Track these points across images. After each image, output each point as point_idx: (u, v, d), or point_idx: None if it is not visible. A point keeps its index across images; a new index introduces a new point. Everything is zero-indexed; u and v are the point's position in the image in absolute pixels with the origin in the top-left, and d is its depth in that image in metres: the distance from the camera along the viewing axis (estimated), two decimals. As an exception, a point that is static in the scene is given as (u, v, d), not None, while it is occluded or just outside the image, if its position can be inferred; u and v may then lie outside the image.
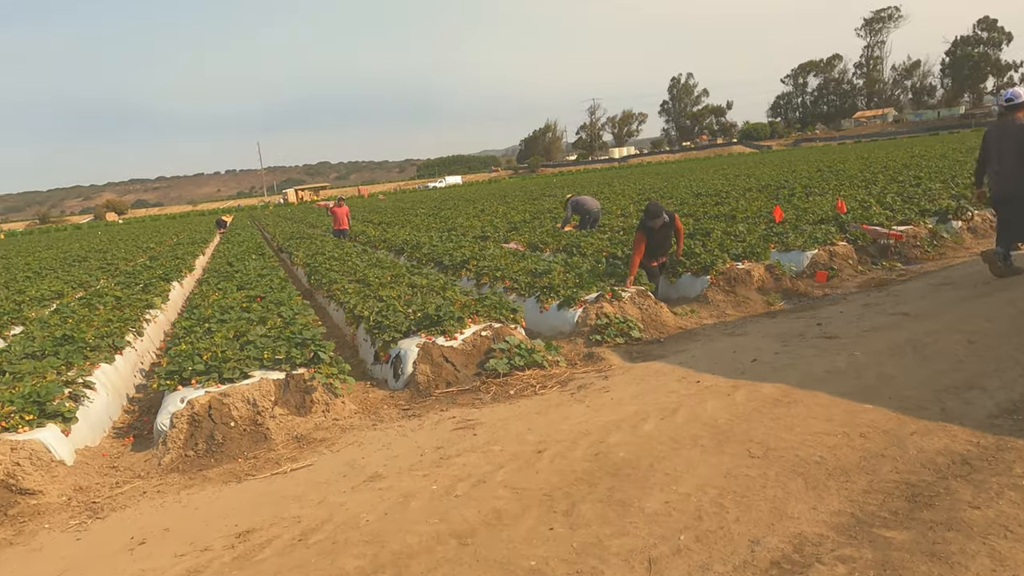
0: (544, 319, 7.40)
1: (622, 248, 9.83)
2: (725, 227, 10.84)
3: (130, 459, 4.97)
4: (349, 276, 10.13)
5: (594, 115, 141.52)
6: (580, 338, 6.70)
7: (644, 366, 5.52)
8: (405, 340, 6.22)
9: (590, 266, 8.49)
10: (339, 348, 8.03)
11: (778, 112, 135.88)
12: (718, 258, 8.11)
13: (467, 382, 5.73)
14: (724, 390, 4.50)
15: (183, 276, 14.72)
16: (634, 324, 6.67)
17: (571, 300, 7.10)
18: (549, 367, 5.88)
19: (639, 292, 7.23)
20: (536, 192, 37.08)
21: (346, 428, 5.00)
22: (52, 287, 13.18)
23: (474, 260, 10.19)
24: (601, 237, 11.31)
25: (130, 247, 25.41)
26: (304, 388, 5.29)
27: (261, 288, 9.27)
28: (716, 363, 5.26)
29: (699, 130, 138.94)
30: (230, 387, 5.16)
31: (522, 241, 12.79)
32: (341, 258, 12.25)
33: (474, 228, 16.53)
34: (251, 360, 5.53)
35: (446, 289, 7.93)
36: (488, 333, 6.20)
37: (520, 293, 8.03)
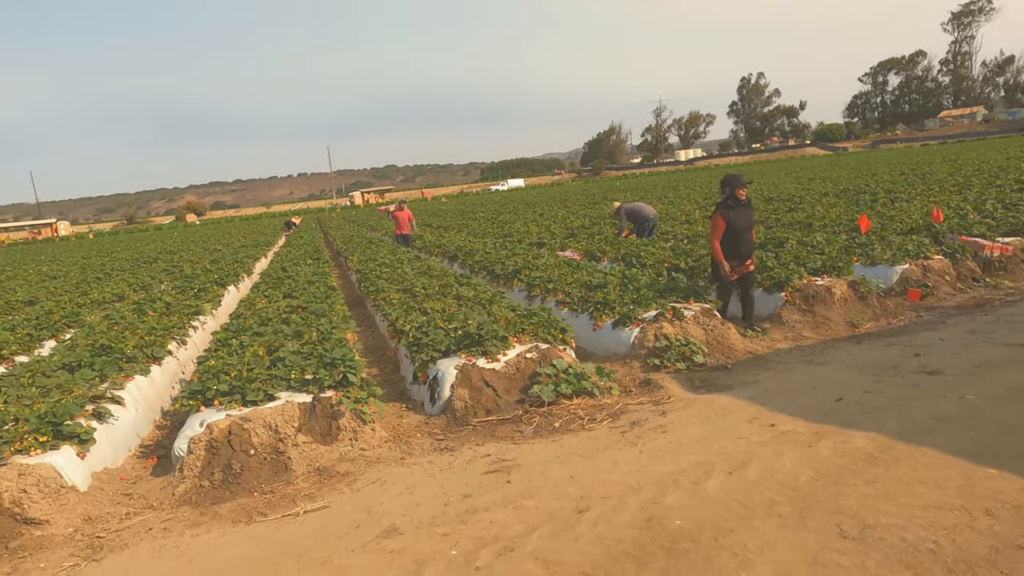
0: (597, 338, 6.80)
1: (685, 259, 9.10)
2: (800, 236, 9.95)
3: (147, 485, 4.66)
4: (397, 285, 9.77)
5: (660, 117, 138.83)
6: (636, 361, 6.07)
7: (708, 400, 4.85)
8: (444, 360, 5.75)
9: (649, 279, 7.82)
10: (381, 363, 7.66)
11: (855, 112, 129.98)
12: (794, 272, 7.31)
13: (508, 410, 5.20)
14: (805, 438, 3.81)
15: (240, 280, 14.77)
16: (697, 348, 5.99)
17: (627, 318, 6.47)
18: (600, 395, 5.28)
19: (704, 311, 6.53)
20: (598, 196, 36.26)
21: (372, 461, 4.54)
22: (115, 289, 13.39)
23: (526, 270, 9.65)
24: (663, 246, 10.60)
25: (198, 249, 26.05)
26: (331, 414, 4.87)
27: (307, 296, 9.01)
28: (793, 400, 4.54)
29: (769, 131, 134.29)
30: (252, 411, 4.79)
31: (579, 249, 12.18)
32: (392, 265, 11.94)
33: (531, 234, 16.00)
34: (278, 380, 5.16)
35: (492, 303, 7.42)
36: (534, 355, 5.65)
37: (573, 308, 7.45)
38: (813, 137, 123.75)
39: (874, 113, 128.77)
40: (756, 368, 5.63)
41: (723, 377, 5.51)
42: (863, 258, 8.29)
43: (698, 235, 11.81)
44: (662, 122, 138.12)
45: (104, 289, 13.53)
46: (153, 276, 15.77)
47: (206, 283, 12.51)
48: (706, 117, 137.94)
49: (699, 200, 22.22)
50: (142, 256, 24.98)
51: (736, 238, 6.59)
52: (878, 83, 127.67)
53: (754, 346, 6.25)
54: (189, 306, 9.83)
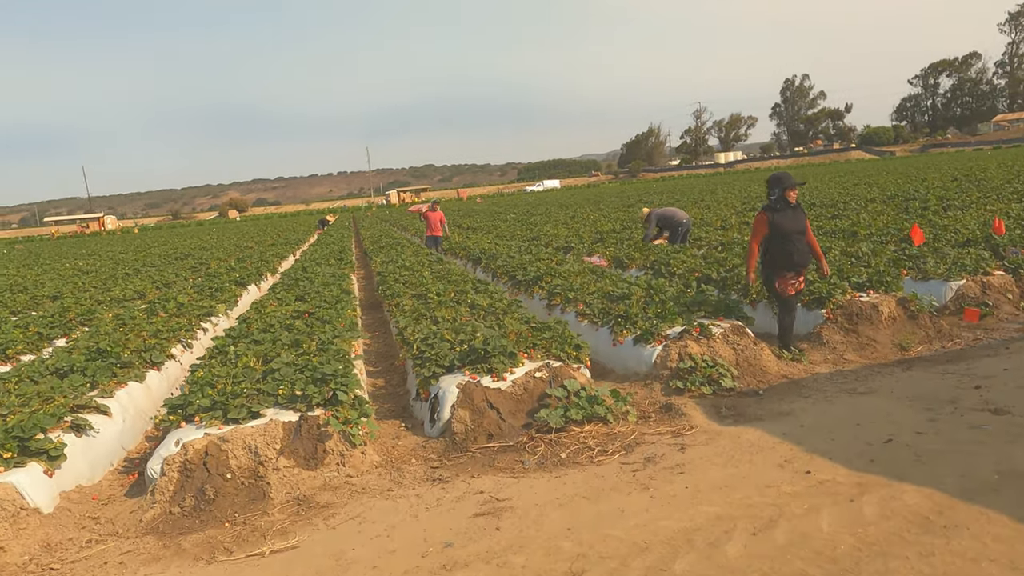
0: (617, 354, 6.28)
1: (718, 269, 8.51)
2: (844, 246, 9.26)
3: (118, 508, 4.32)
4: (414, 289, 9.39)
5: (700, 119, 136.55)
6: (657, 383, 5.55)
7: (734, 433, 4.31)
8: (447, 377, 5.31)
9: (676, 291, 7.27)
10: (389, 373, 7.27)
11: (904, 115, 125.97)
12: (836, 287, 6.68)
13: (512, 435, 4.73)
14: (846, 491, 3.26)
15: (263, 280, 14.59)
16: (725, 370, 5.43)
17: (650, 334, 5.95)
18: (614, 422, 4.77)
19: (734, 328, 5.97)
20: (633, 198, 35.53)
21: (356, 491, 4.13)
22: (138, 287, 13.32)
23: (548, 276, 9.17)
24: (694, 254, 10.00)
25: (230, 246, 26.17)
26: (317, 435, 4.47)
27: (320, 300, 8.67)
28: (833, 439, 3.98)
29: (813, 134, 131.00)
30: (232, 430, 4.41)
31: (606, 255, 11.65)
32: (412, 268, 11.57)
33: (558, 237, 15.50)
34: (265, 396, 4.78)
35: (507, 313, 6.96)
36: (544, 374, 5.17)
37: (593, 320, 6.94)
38: (859, 141, 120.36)
39: (924, 117, 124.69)
40: (791, 396, 5.05)
41: (753, 405, 4.95)
42: (914, 272, 7.60)
43: (733, 242, 11.17)
44: (702, 124, 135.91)
45: (127, 286, 13.46)
46: (178, 273, 15.72)
47: (225, 282, 12.32)
48: (747, 119, 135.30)
49: (736, 205, 21.42)
50: (175, 252, 25.18)
51: (785, 243, 5.85)
52: (929, 85, 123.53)
53: (790, 369, 5.67)
54: (202, 307, 9.60)
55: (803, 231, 5.94)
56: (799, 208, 6.01)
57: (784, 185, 5.95)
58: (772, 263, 5.96)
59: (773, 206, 5.97)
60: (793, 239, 5.85)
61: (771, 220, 5.90)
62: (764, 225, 5.96)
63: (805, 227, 5.98)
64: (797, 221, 5.92)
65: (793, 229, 5.87)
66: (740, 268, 8.23)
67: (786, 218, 5.88)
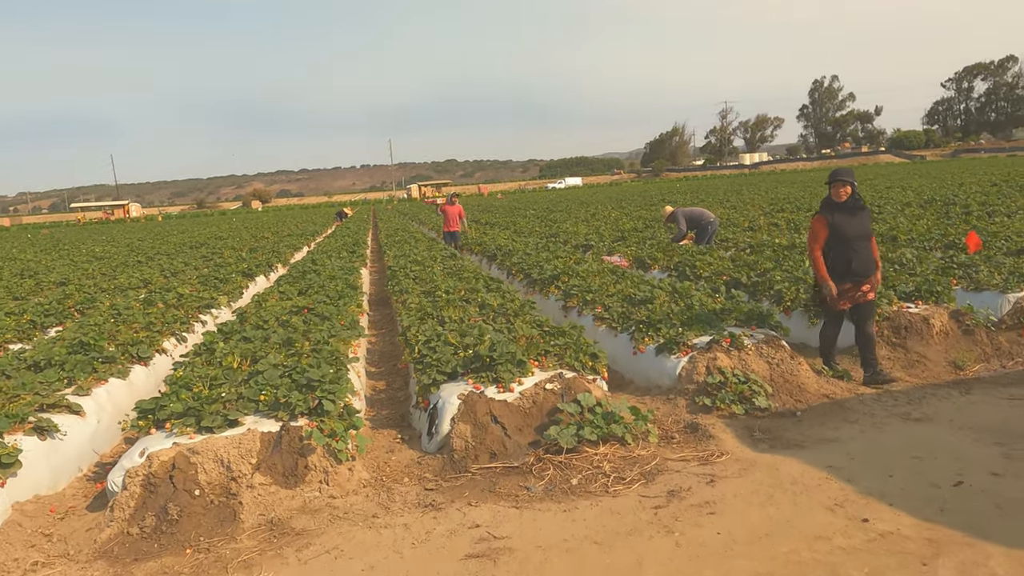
0: (637, 364, 5.74)
1: (747, 273, 7.91)
2: (884, 251, 8.61)
3: (75, 523, 3.88)
4: (423, 286, 8.90)
5: (725, 119, 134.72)
6: (682, 398, 5.00)
7: (772, 463, 3.75)
8: (449, 385, 4.81)
9: (705, 296, 6.69)
10: (391, 375, 6.79)
11: (935, 119, 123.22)
12: (882, 296, 6.06)
13: (518, 454, 4.21)
14: (915, 549, 2.70)
15: (273, 271, 14.21)
16: (759, 387, 4.86)
17: (674, 344, 5.39)
18: (633, 443, 4.24)
19: (768, 339, 5.39)
20: (655, 197, 34.79)
21: (338, 515, 3.64)
22: (144, 275, 13.00)
23: (565, 276, 8.64)
24: (721, 256, 9.39)
25: (246, 236, 25.94)
26: (298, 448, 3.99)
27: (324, 294, 8.21)
28: (891, 476, 3.41)
29: (841, 137, 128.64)
30: (205, 440, 3.95)
31: (628, 254, 11.07)
32: (424, 263, 11.09)
33: (578, 235, 14.94)
34: (246, 402, 4.31)
35: (518, 315, 6.44)
36: (555, 386, 4.64)
37: (612, 325, 6.40)
38: (888, 144, 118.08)
39: (956, 121, 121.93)
40: (834, 419, 4.48)
41: (791, 428, 4.39)
42: (964, 281, 6.95)
43: (763, 244, 10.54)
44: (727, 124, 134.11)
45: (133, 274, 13.15)
46: (187, 262, 15.41)
47: (232, 273, 11.95)
48: (774, 120, 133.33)
49: (764, 206, 20.68)
50: (192, 241, 24.99)
51: (844, 249, 5.14)
52: (962, 89, 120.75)
53: (831, 388, 5.08)
54: (203, 299, 9.19)
55: (867, 236, 5.25)
56: (863, 209, 5.28)
57: (830, 180, 5.32)
58: (828, 271, 5.27)
59: (831, 203, 5.29)
60: (855, 245, 5.15)
61: (831, 222, 5.20)
62: (823, 227, 5.25)
63: (869, 231, 5.29)
64: (861, 224, 5.21)
65: (855, 233, 5.17)
66: (773, 273, 7.63)
67: (847, 220, 5.19)
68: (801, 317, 6.53)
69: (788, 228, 13.31)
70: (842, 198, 5.24)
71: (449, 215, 15.40)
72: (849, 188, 5.22)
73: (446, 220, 15.48)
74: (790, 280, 7.20)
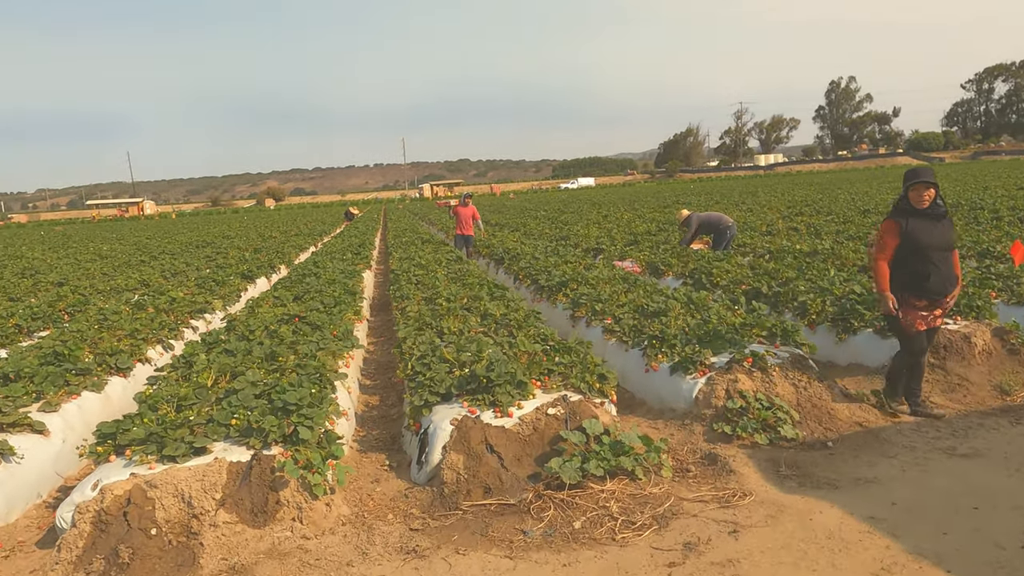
0: (649, 383, 5.28)
1: (768, 282, 7.42)
2: (914, 260, 8.08)
3: (19, 562, 3.49)
4: (425, 291, 8.49)
5: (740, 119, 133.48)
6: (699, 424, 4.54)
7: (803, 509, 3.29)
8: (442, 407, 4.38)
9: (723, 308, 6.23)
10: (387, 389, 6.38)
11: (955, 121, 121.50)
12: (916, 312, 5.56)
13: (515, 489, 3.78)
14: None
15: (275, 272, 13.87)
16: (785, 413, 4.40)
17: (690, 363, 4.93)
18: (643, 478, 3.79)
19: (794, 359, 4.91)
20: (670, 199, 34.23)
21: (309, 562, 3.22)
22: (144, 275, 12.70)
23: (574, 283, 8.19)
24: (739, 262, 8.90)
25: (254, 235, 25.67)
26: (269, 482, 3.58)
27: (321, 299, 7.81)
28: (945, 533, 2.94)
29: (858, 138, 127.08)
30: (166, 471, 3.54)
31: (640, 260, 10.60)
32: (428, 267, 10.68)
33: (589, 238, 14.47)
34: (216, 427, 3.90)
35: (522, 327, 6.01)
36: (559, 410, 4.20)
37: (622, 339, 5.95)
38: (906, 146, 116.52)
39: (976, 123, 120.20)
40: (869, 452, 4.01)
41: (822, 463, 3.92)
42: (1005, 295, 6.44)
43: (783, 250, 10.04)
44: (742, 125, 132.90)
45: (132, 275, 12.84)
46: (189, 263, 15.10)
47: (231, 275, 11.60)
48: (789, 121, 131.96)
49: (782, 208, 20.10)
50: (199, 240, 24.76)
51: (922, 261, 4.38)
52: (983, 91, 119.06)
53: (864, 414, 4.60)
54: (196, 303, 8.84)
55: (948, 247, 4.49)
56: (945, 217, 4.48)
57: (910, 180, 4.45)
58: (899, 286, 4.48)
59: (904, 207, 4.48)
60: (933, 257, 4.38)
61: (904, 230, 4.41)
62: (894, 235, 4.44)
63: (952, 243, 4.53)
64: (941, 234, 4.43)
65: (933, 243, 4.39)
66: (796, 283, 7.14)
67: (924, 227, 4.40)
68: (828, 332, 6.05)
69: (808, 233, 12.78)
70: (924, 203, 4.39)
71: (462, 217, 14.26)
72: (932, 191, 4.39)
73: (459, 222, 14.37)
74: (815, 291, 6.72)
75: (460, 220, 14.24)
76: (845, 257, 8.89)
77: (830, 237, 11.85)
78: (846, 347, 5.85)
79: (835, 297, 6.37)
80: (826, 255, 9.23)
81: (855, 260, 8.70)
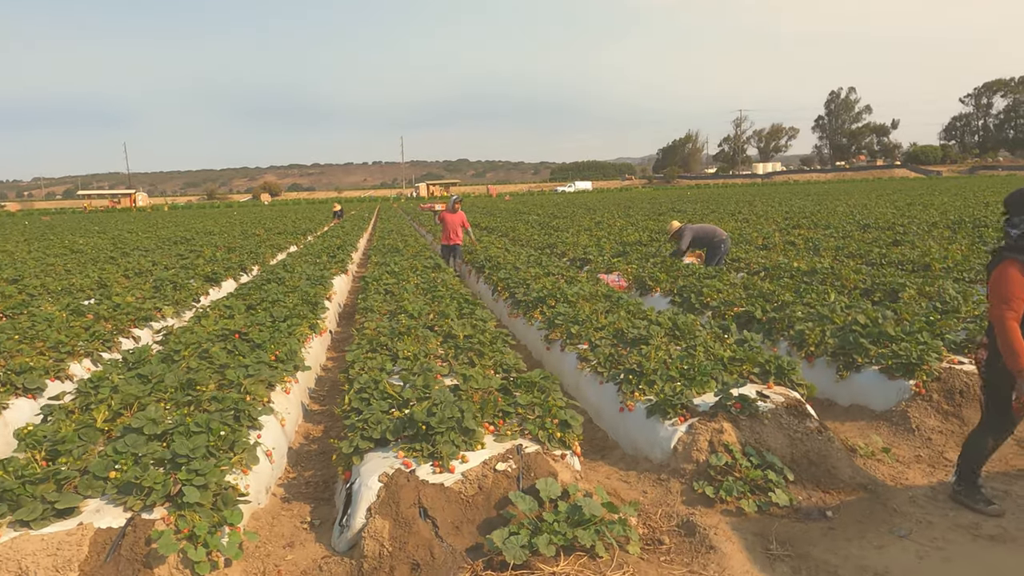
0: (624, 424, 4.63)
1: (763, 305, 6.77)
2: (920, 284, 7.47)
3: None
4: (392, 303, 7.82)
5: (739, 127, 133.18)
6: (677, 480, 3.89)
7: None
8: (375, 456, 3.72)
9: (710, 337, 5.58)
10: (334, 418, 5.68)
11: (952, 135, 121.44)
12: (928, 348, 4.93)
13: (449, 567, 3.11)
14: None
15: (246, 273, 13.18)
16: (778, 474, 3.75)
17: (670, 405, 4.28)
18: (605, 554, 3.13)
19: (789, 404, 4.26)
20: (665, 205, 33.63)
21: (173, 671, 2.54)
22: (104, 274, 11.97)
23: (552, 299, 7.53)
24: (732, 280, 8.25)
25: (236, 232, 24.93)
26: (143, 557, 2.90)
27: (270, 313, 7.12)
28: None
29: (856, 149, 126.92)
30: (11, 541, 2.87)
31: (628, 273, 9.96)
32: (401, 275, 10.02)
33: (577, 246, 13.81)
34: (91, 480, 3.23)
35: (486, 352, 5.34)
36: (510, 466, 3.54)
37: (598, 370, 5.29)
38: (904, 158, 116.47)
39: (974, 137, 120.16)
40: (877, 526, 3.36)
41: (820, 541, 3.27)
42: (1024, 329, 5.80)
43: (779, 268, 9.41)
44: (741, 133, 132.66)
45: (92, 273, 12.11)
46: (157, 261, 14.38)
47: (192, 277, 10.91)
48: (788, 130, 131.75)
49: (779, 220, 19.49)
50: (178, 235, 24.00)
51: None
52: (981, 105, 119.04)
53: (870, 473, 3.95)
54: (142, 309, 8.14)
55: None
56: None
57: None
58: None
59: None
60: None
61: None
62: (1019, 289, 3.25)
63: None
64: None
65: None
66: (795, 308, 6.50)
67: None
68: (827, 367, 5.40)
69: (806, 248, 12.15)
70: None
71: (449, 224, 12.38)
72: None
73: (445, 230, 12.48)
74: (814, 318, 6.08)
75: (447, 228, 12.44)
76: (846, 278, 8.26)
77: (829, 254, 11.23)
78: (848, 385, 5.20)
79: (836, 327, 5.73)
80: (825, 275, 8.60)
81: (856, 282, 8.07)
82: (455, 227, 12.37)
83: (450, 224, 12.33)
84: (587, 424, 5.15)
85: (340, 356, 7.83)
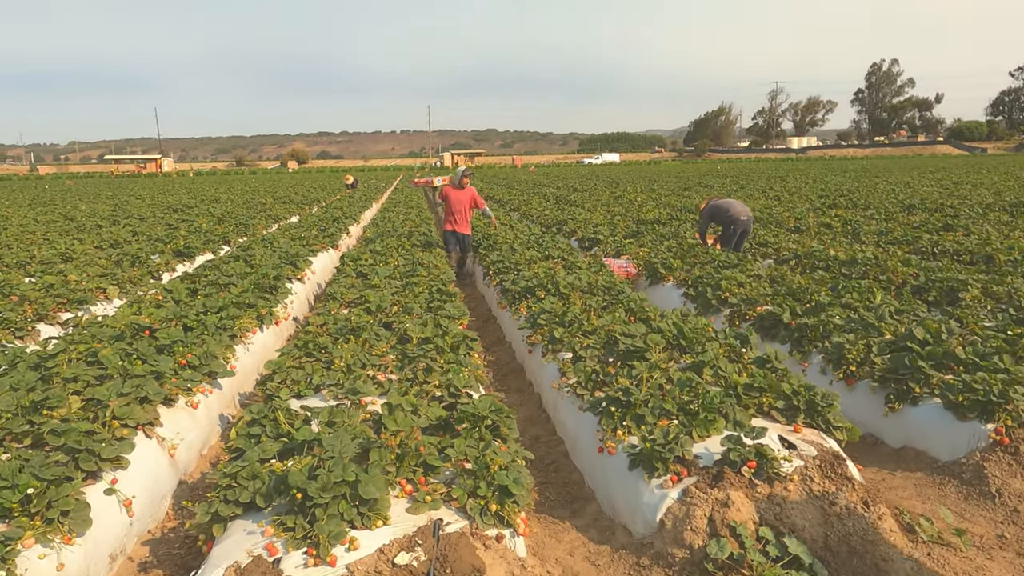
0: (602, 470, 3.53)
1: (792, 305, 5.56)
2: (986, 282, 6.20)
3: None
4: (357, 290, 6.78)
5: (775, 100, 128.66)
6: (661, 569, 2.80)
7: None
8: (239, 527, 2.69)
9: (722, 351, 4.42)
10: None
11: (1000, 110, 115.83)
12: (1013, 381, 3.72)
13: None
14: None
15: (228, 247, 12.24)
16: (805, 568, 2.63)
17: (659, 458, 3.16)
18: None
19: (824, 456, 3.11)
20: (693, 180, 31.98)
21: None
22: (80, 245, 11.11)
23: (542, 290, 6.42)
24: (756, 271, 7.02)
25: (241, 200, 24.07)
26: None
27: (208, 302, 6.08)
28: None
29: (897, 124, 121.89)
30: None
31: (639, 257, 8.76)
32: (384, 253, 8.96)
33: (588, 224, 12.59)
34: None
35: (444, 359, 4.26)
36: (416, 557, 2.48)
37: (577, 392, 4.18)
38: (947, 134, 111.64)
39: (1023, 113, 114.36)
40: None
41: None
42: None
43: (813, 255, 8.14)
44: (776, 106, 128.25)
45: (62, 244, 11.24)
46: (142, 232, 13.50)
47: (154, 253, 10.01)
48: (826, 104, 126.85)
49: (813, 198, 17.98)
50: (178, 203, 23.20)
51: None
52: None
53: (937, 563, 2.81)
54: (82, 291, 7.20)
55: None
56: None
57: None
58: None
59: None
60: None
61: None
62: None
63: None
64: None
65: None
66: (832, 309, 5.30)
67: None
68: (871, 394, 4.22)
69: (845, 232, 10.79)
70: None
71: (453, 203, 9.32)
72: None
73: (448, 212, 9.41)
74: (856, 327, 4.88)
75: (451, 208, 9.35)
76: (893, 270, 6.99)
77: (871, 240, 9.88)
78: (900, 420, 4.03)
79: (885, 342, 4.53)
80: (868, 266, 7.33)
81: (905, 276, 6.79)
82: (462, 209, 9.37)
83: (455, 204, 9.35)
84: (562, 460, 4.08)
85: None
